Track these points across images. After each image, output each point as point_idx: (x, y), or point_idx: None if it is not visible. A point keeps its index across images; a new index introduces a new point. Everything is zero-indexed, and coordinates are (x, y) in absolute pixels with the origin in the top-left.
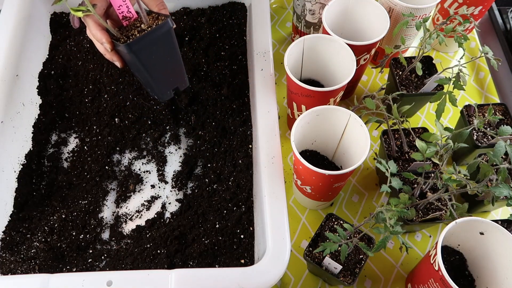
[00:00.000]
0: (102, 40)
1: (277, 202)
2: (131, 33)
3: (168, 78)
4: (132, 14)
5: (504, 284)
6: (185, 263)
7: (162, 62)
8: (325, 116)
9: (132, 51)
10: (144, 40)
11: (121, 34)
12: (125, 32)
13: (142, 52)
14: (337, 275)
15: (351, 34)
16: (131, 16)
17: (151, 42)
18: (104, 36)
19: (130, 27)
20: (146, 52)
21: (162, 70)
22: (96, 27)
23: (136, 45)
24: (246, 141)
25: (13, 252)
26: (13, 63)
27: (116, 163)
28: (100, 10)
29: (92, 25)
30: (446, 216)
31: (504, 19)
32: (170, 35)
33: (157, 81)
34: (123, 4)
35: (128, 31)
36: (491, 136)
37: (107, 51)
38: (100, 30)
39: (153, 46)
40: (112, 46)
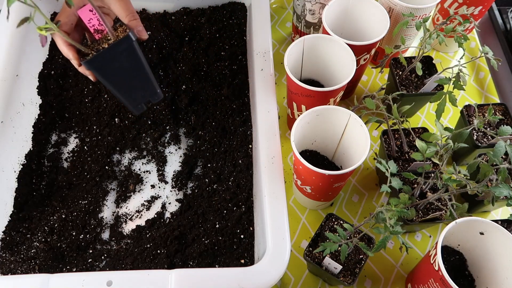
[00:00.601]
0: (69, 56)
1: (277, 202)
2: (102, 46)
3: (137, 92)
4: (104, 26)
5: (504, 284)
6: (185, 263)
7: (127, 76)
8: (325, 116)
9: (92, 67)
10: (102, 57)
11: (91, 49)
12: (97, 46)
13: (103, 68)
14: (337, 275)
15: (351, 34)
16: (103, 29)
17: (112, 57)
18: (71, 53)
19: (101, 40)
20: (108, 68)
21: (128, 85)
22: (63, 44)
23: (95, 62)
24: (246, 141)
25: (13, 252)
26: (13, 63)
27: (116, 163)
28: (67, 25)
29: (59, 42)
30: (446, 216)
31: (504, 19)
32: (132, 49)
33: (125, 95)
34: (94, 17)
35: (99, 44)
36: (491, 136)
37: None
38: (67, 47)
39: (114, 62)
40: (78, 62)
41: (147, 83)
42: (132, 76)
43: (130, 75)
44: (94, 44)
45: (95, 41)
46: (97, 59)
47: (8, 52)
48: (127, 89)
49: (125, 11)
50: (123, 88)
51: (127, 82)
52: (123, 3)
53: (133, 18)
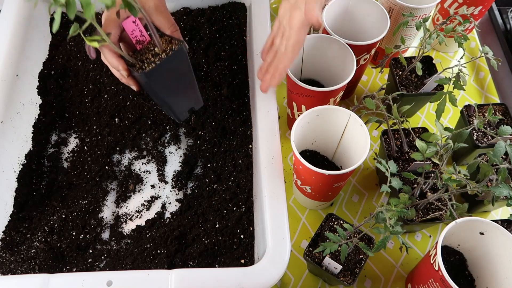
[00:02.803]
0: (118, 67)
1: (277, 202)
2: (146, 56)
3: (184, 100)
4: (145, 37)
5: (504, 284)
6: (185, 263)
7: (177, 86)
8: (325, 116)
9: (148, 79)
10: (160, 68)
11: (135, 58)
12: (139, 56)
13: (158, 79)
14: (337, 275)
15: (351, 34)
16: (144, 39)
17: (167, 68)
18: (121, 64)
19: (144, 50)
20: (162, 79)
21: (178, 94)
22: (112, 55)
23: (153, 74)
24: (246, 141)
25: (13, 252)
26: (13, 63)
27: (116, 163)
28: (114, 37)
29: (108, 53)
30: (446, 216)
31: (504, 19)
32: (185, 60)
33: (173, 104)
34: (136, 28)
35: (142, 55)
36: (491, 136)
37: (123, 77)
38: (116, 58)
39: (169, 72)
40: (128, 73)
41: (194, 92)
42: (182, 85)
43: (180, 85)
44: (137, 55)
45: (137, 51)
46: (155, 71)
47: (8, 52)
48: (176, 98)
49: (167, 23)
50: (173, 98)
51: (177, 92)
52: (165, 15)
53: (175, 30)
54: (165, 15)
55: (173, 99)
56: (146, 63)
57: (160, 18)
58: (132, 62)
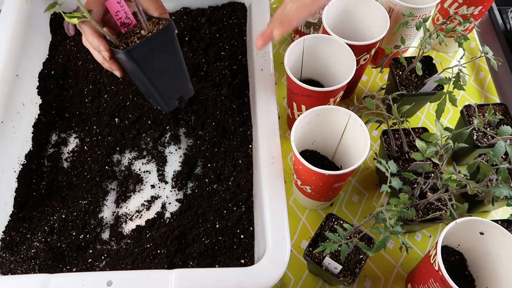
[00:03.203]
0: (99, 48)
1: (277, 202)
2: (131, 39)
3: (172, 87)
4: (131, 20)
5: (504, 284)
6: (185, 263)
7: (164, 69)
8: (325, 116)
9: (132, 58)
10: (145, 46)
11: (120, 41)
12: (124, 40)
13: (143, 58)
14: (337, 275)
15: (351, 34)
16: (129, 22)
17: (153, 47)
18: (102, 44)
19: (129, 33)
20: (148, 59)
21: (165, 78)
22: (93, 34)
23: (136, 51)
24: (246, 141)
25: (13, 252)
26: (13, 63)
27: (116, 163)
28: (97, 16)
29: (89, 32)
30: (446, 216)
31: (504, 19)
32: (172, 40)
33: (160, 90)
34: (121, 9)
35: (127, 38)
36: (491, 136)
37: (105, 60)
38: (97, 37)
39: (154, 52)
40: (110, 54)
41: (182, 77)
42: (169, 68)
43: (168, 68)
44: (122, 38)
45: (122, 34)
46: (138, 48)
47: (8, 52)
48: (162, 83)
49: (155, 4)
50: (159, 82)
51: (164, 75)
52: None
53: (163, 12)
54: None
55: (159, 84)
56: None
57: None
58: (115, 43)
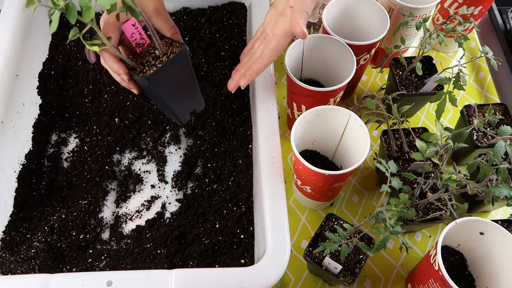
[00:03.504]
0: (119, 71)
1: (277, 202)
2: (146, 59)
3: (186, 103)
4: (145, 40)
5: (504, 284)
6: (185, 263)
7: (179, 89)
8: (325, 116)
9: (150, 83)
10: (162, 72)
11: (136, 61)
12: (140, 60)
13: (160, 82)
14: (337, 275)
15: (351, 34)
16: (144, 42)
17: (169, 72)
18: (121, 68)
19: (144, 53)
20: (164, 82)
21: (180, 97)
22: (113, 59)
23: (154, 78)
24: (246, 141)
25: (13, 252)
26: (13, 63)
27: (116, 163)
28: (115, 41)
29: (108, 57)
30: (446, 216)
31: (504, 19)
32: (187, 63)
33: (175, 107)
34: (136, 31)
35: (142, 58)
36: (491, 136)
37: (124, 81)
38: (117, 62)
39: (170, 76)
40: (129, 77)
41: (195, 94)
42: (184, 88)
43: (182, 88)
44: (137, 58)
45: (137, 54)
46: (157, 75)
47: (8, 52)
48: (178, 101)
49: (167, 25)
50: (175, 101)
51: (179, 95)
52: (165, 17)
53: (175, 32)
54: (165, 18)
55: (175, 103)
56: (147, 66)
57: (160, 21)
58: (133, 65)
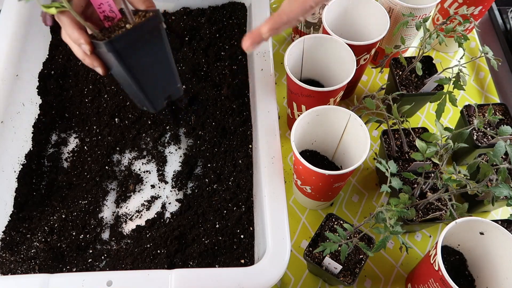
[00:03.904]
0: (79, 40)
1: (277, 202)
2: (115, 34)
3: (159, 85)
4: (115, 13)
5: (504, 284)
6: (185, 263)
7: (151, 65)
8: (325, 116)
9: (114, 50)
10: (128, 37)
11: (103, 36)
12: (108, 34)
13: (127, 52)
14: (337, 275)
15: (351, 34)
16: (114, 16)
17: (138, 39)
18: (82, 36)
19: (113, 28)
20: (132, 52)
21: (151, 75)
22: (73, 26)
23: (119, 43)
24: (246, 141)
25: (13, 252)
26: (13, 63)
27: (116, 163)
28: (77, 7)
29: (68, 24)
30: (446, 216)
31: (504, 19)
32: (159, 32)
33: (145, 88)
34: (105, 2)
35: (110, 32)
36: (491, 136)
37: (86, 55)
38: (78, 30)
39: (140, 45)
40: (91, 48)
41: (170, 75)
42: (156, 64)
43: (155, 63)
44: (105, 32)
45: (105, 29)
46: (120, 40)
47: (8, 52)
48: (148, 80)
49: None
50: (144, 79)
51: (150, 72)
52: None
53: (151, 4)
54: None
55: (144, 81)
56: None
57: None
58: (97, 35)
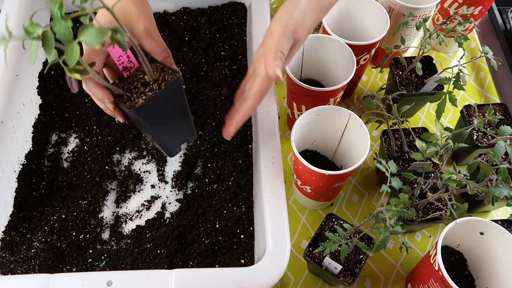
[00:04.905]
0: (104, 100)
1: (277, 202)
2: (134, 85)
3: (177, 134)
4: (133, 63)
5: (504, 284)
6: (185, 263)
7: (170, 120)
8: (325, 116)
9: (139, 115)
10: (152, 103)
11: (122, 87)
12: (127, 85)
13: (149, 114)
14: (337, 275)
15: (351, 34)
16: (132, 66)
17: (160, 103)
18: (107, 96)
19: (131, 78)
20: (154, 114)
21: (171, 128)
22: (97, 87)
23: (144, 109)
24: (246, 141)
25: (13, 252)
26: (13, 63)
27: (116, 163)
28: (99, 65)
29: (92, 85)
30: (446, 216)
31: (504, 19)
32: (180, 93)
33: (165, 139)
34: (123, 54)
35: (130, 83)
36: (491, 136)
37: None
38: (101, 90)
39: (161, 107)
40: (115, 106)
41: (188, 125)
42: (175, 119)
43: (174, 118)
44: (124, 83)
45: (124, 79)
46: (146, 106)
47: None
48: (169, 132)
49: (159, 47)
50: (165, 132)
51: (170, 126)
52: (156, 39)
53: (168, 55)
54: (156, 39)
55: (165, 134)
56: (134, 93)
57: (151, 42)
58: (119, 92)
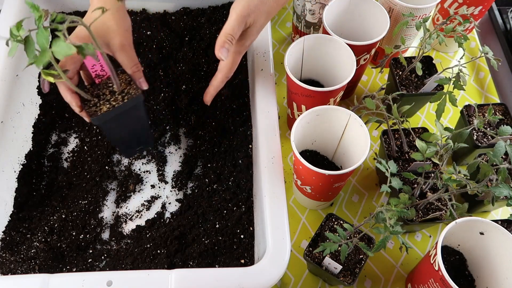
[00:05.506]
0: (71, 103)
1: (277, 202)
2: (102, 92)
3: (134, 142)
4: (105, 72)
5: (504, 284)
6: (185, 263)
7: (128, 130)
8: (325, 116)
9: (101, 123)
10: (112, 114)
11: (92, 92)
12: (96, 91)
13: (107, 123)
14: (337, 275)
15: (351, 34)
16: (104, 74)
17: (119, 114)
18: (74, 100)
19: (102, 85)
20: (112, 123)
21: (128, 136)
22: (66, 91)
23: (104, 118)
24: (246, 141)
25: (13, 252)
26: (13, 63)
27: (116, 163)
28: (72, 72)
29: (63, 88)
30: (446, 216)
31: (504, 19)
32: (139, 107)
33: (123, 146)
34: (97, 64)
35: (99, 89)
36: (491, 136)
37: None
38: (70, 94)
39: (121, 119)
40: (81, 110)
41: (145, 135)
42: (134, 129)
43: (132, 129)
44: (94, 88)
45: (95, 85)
46: (105, 116)
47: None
48: (126, 140)
49: (130, 62)
50: (123, 140)
51: (128, 135)
52: (129, 53)
53: (137, 70)
54: (129, 54)
55: (123, 140)
56: (101, 100)
57: (124, 56)
58: (87, 98)
